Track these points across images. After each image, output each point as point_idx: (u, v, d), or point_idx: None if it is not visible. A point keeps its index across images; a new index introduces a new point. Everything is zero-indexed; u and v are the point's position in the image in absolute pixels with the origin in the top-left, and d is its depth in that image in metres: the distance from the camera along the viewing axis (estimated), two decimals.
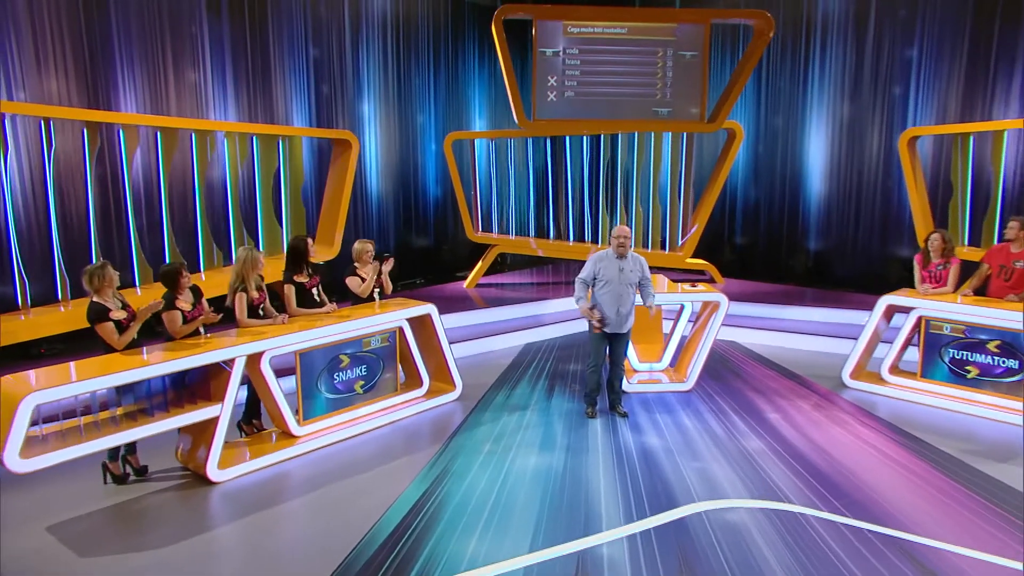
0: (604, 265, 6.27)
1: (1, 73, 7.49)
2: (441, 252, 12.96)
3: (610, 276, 6.21)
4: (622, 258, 6.26)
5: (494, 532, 4.52)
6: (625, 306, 6.25)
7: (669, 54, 9.70)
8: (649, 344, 7.67)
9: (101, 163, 7.74)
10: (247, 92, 9.96)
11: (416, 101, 12.57)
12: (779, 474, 5.34)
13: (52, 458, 4.43)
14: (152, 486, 5.25)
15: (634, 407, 6.79)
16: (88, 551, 4.37)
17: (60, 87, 7.95)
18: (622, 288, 6.21)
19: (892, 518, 4.68)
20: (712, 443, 5.93)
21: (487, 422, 6.44)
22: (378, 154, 12.14)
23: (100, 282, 5.03)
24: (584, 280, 6.33)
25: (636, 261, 6.32)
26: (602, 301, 6.26)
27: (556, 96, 9.61)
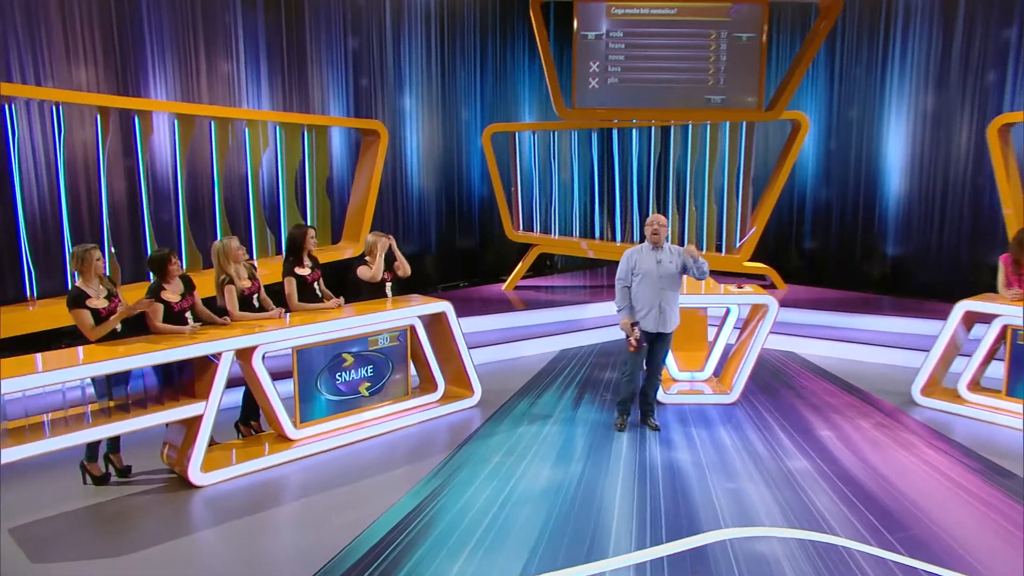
0: (639, 258, 5.82)
1: (31, 63, 7.55)
2: (486, 254, 12.62)
3: (647, 269, 5.76)
4: (658, 249, 5.78)
5: (484, 553, 4.11)
6: (667, 301, 5.77)
7: (723, 36, 9.11)
8: (691, 352, 7.12)
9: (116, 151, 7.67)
10: (282, 84, 9.86)
11: (461, 94, 12.29)
12: (825, 500, 4.75)
13: (12, 453, 4.24)
14: (132, 488, 5.05)
15: (668, 420, 6.26)
16: (43, 556, 4.16)
17: (89, 76, 7.98)
18: (662, 282, 5.73)
19: (958, 559, 4.05)
20: (751, 462, 5.36)
21: (503, 431, 6.03)
22: (420, 150, 11.90)
23: (82, 265, 4.86)
24: (622, 281, 5.87)
25: (674, 252, 5.85)
26: (640, 297, 5.78)
27: (598, 83, 9.16)
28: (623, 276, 5.84)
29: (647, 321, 5.78)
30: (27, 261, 6.84)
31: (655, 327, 5.79)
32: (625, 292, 5.83)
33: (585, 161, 11.29)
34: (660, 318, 5.77)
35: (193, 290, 5.36)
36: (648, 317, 5.77)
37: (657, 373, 6.02)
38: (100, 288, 4.96)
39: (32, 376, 4.28)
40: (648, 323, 5.79)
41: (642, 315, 5.78)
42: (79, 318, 4.79)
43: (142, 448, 5.41)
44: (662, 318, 5.77)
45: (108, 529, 4.51)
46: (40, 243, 7.09)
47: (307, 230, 5.99)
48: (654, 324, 5.78)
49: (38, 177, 7.35)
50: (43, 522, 4.55)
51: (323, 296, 6.10)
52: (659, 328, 5.80)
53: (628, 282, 5.82)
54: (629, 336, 5.77)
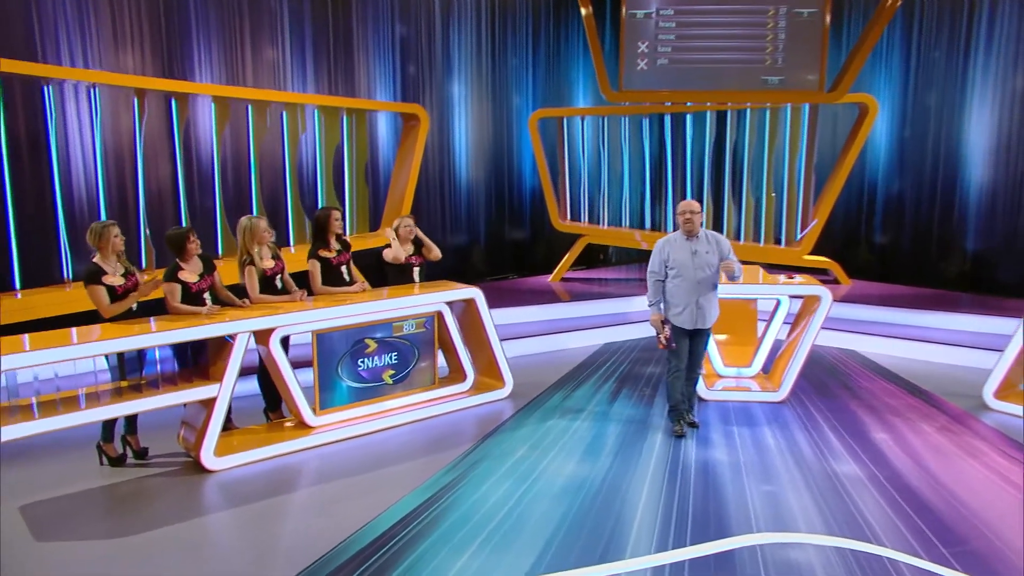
0: (672, 249, 5.43)
1: (80, 48, 7.72)
2: (537, 246, 12.40)
3: (682, 262, 5.37)
4: (692, 238, 5.42)
5: (492, 550, 3.91)
6: (705, 296, 5.40)
7: (782, 13, 8.65)
8: (738, 346, 6.76)
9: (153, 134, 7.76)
10: (327, 71, 9.86)
11: (512, 81, 12.10)
12: (873, 508, 4.38)
13: (21, 429, 4.25)
14: (147, 470, 5.04)
15: (709, 417, 5.94)
16: (48, 534, 4.16)
17: (136, 62, 8.11)
18: (699, 274, 5.36)
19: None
20: (793, 464, 5.01)
21: (531, 424, 5.82)
22: (468, 139, 11.77)
23: (99, 241, 4.87)
24: (655, 274, 5.48)
25: (712, 240, 5.44)
26: (675, 293, 5.39)
27: (647, 64, 8.82)
28: (656, 269, 5.46)
29: (683, 318, 5.40)
30: (64, 243, 6.96)
31: (692, 324, 5.42)
32: (658, 286, 5.47)
33: (636, 148, 10.95)
34: (698, 315, 5.40)
35: (213, 271, 5.32)
36: (684, 314, 5.39)
37: (696, 368, 5.69)
38: (117, 265, 4.96)
39: (43, 351, 4.29)
40: (685, 320, 5.41)
41: (677, 312, 5.40)
42: (94, 295, 4.80)
43: (161, 431, 5.40)
44: (700, 315, 5.40)
45: (116, 510, 4.50)
46: (77, 225, 7.20)
47: (332, 212, 5.90)
48: (691, 321, 5.41)
49: (76, 159, 7.49)
50: (54, 501, 4.56)
51: (352, 280, 6.00)
52: (697, 325, 5.43)
53: (661, 275, 5.45)
54: (659, 334, 5.43)
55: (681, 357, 5.51)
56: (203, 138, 8.26)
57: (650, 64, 8.79)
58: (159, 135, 7.86)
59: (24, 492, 4.65)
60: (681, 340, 5.48)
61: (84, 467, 5.02)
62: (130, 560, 3.89)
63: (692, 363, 5.63)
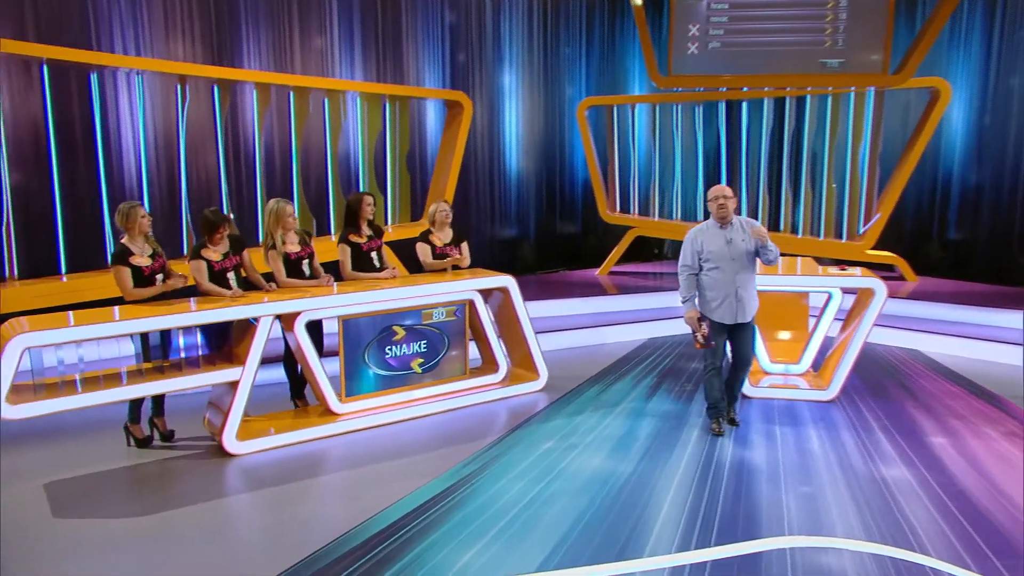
0: (706, 239, 5.15)
1: (132, 36, 7.92)
2: (589, 239, 12.20)
3: (717, 252, 5.10)
4: (726, 226, 5.15)
5: (503, 544, 3.80)
6: (744, 287, 5.13)
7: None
8: (786, 342, 6.47)
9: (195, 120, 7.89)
10: (375, 59, 9.88)
11: (565, 70, 11.94)
12: (921, 515, 4.10)
13: (41, 407, 4.33)
14: (171, 452, 5.10)
15: (751, 415, 5.69)
16: (65, 511, 4.23)
17: (186, 50, 8.29)
18: (735, 264, 5.10)
19: None
20: (837, 466, 4.74)
21: (562, 417, 5.68)
22: (519, 129, 11.66)
23: (126, 222, 4.93)
24: (688, 267, 5.19)
25: (746, 226, 5.15)
26: (711, 285, 5.13)
27: (698, 48, 8.53)
28: (689, 262, 5.17)
29: (722, 312, 5.13)
30: (107, 229, 7.14)
31: (732, 318, 5.14)
32: (691, 280, 5.19)
33: (689, 137, 10.63)
34: (738, 307, 5.12)
35: (241, 251, 5.35)
36: (723, 307, 5.12)
37: (745, 367, 5.39)
38: (145, 247, 5.01)
39: (62, 330, 4.37)
40: (724, 314, 5.14)
41: (715, 306, 5.14)
42: (119, 276, 4.86)
43: (189, 415, 5.47)
44: (740, 307, 5.12)
45: (134, 490, 4.55)
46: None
47: (363, 197, 5.86)
48: (731, 315, 5.14)
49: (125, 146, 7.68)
50: (77, 479, 4.64)
51: (383, 266, 5.96)
52: (738, 319, 5.15)
53: (695, 268, 5.17)
54: (696, 332, 5.13)
55: (719, 354, 5.25)
56: (245, 125, 8.36)
57: (701, 48, 8.51)
58: (202, 122, 7.99)
59: (50, 470, 4.75)
60: (720, 336, 5.23)
61: (111, 448, 5.10)
62: (139, 538, 3.91)
63: (740, 361, 5.35)
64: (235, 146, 8.27)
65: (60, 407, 4.41)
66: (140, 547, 3.83)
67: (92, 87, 7.06)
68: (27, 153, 7.13)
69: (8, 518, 4.12)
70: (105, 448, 5.09)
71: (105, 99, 7.46)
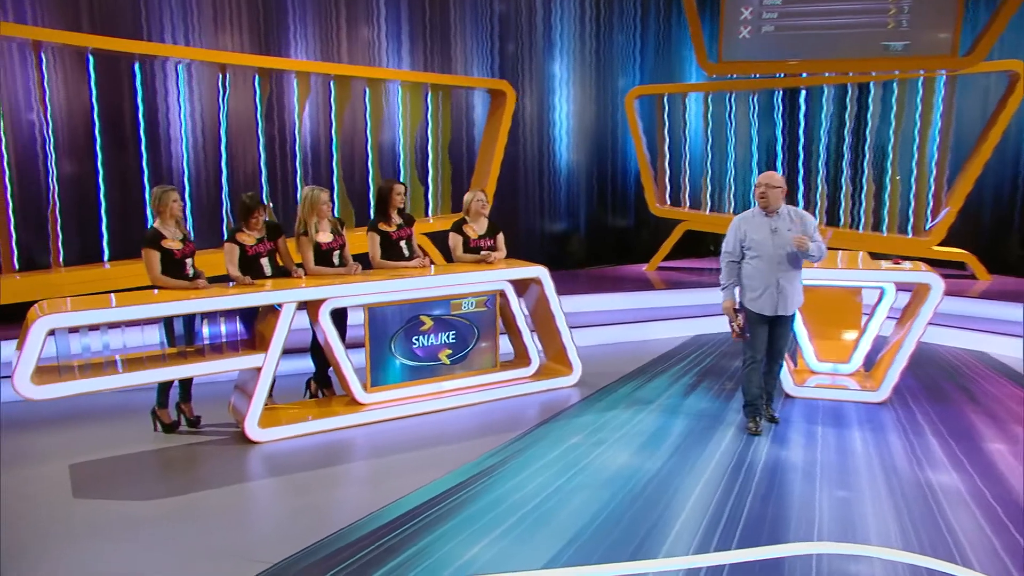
0: (750, 227, 5.01)
1: (182, 27, 8.12)
2: (641, 233, 11.99)
3: (760, 240, 4.94)
4: (772, 215, 4.98)
5: (513, 539, 3.71)
6: (787, 278, 4.95)
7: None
8: (835, 340, 6.19)
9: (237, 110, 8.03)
10: (423, 49, 9.90)
11: (618, 60, 11.76)
12: (968, 525, 3.85)
13: (63, 388, 4.43)
14: (196, 438, 5.17)
15: (793, 416, 5.47)
16: (86, 492, 4.31)
17: (234, 41, 8.46)
18: (779, 255, 4.92)
19: None
20: (880, 470, 4.50)
21: (593, 413, 5.56)
22: (570, 120, 11.53)
23: (159, 206, 5.02)
24: (729, 254, 5.10)
25: (795, 217, 4.99)
26: (753, 275, 4.98)
27: (750, 32, 8.26)
28: (731, 249, 5.08)
29: (763, 303, 4.98)
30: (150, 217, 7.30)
31: (773, 310, 4.98)
32: (732, 268, 5.09)
33: (743, 127, 10.32)
34: (779, 299, 4.95)
35: (277, 238, 5.40)
36: (764, 298, 4.97)
37: (778, 361, 5.24)
38: (176, 231, 5.10)
39: (85, 312, 4.47)
40: (764, 305, 4.98)
41: (755, 296, 4.99)
42: (148, 259, 4.94)
43: (218, 401, 5.53)
44: (781, 299, 4.95)
45: (155, 473, 4.62)
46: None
47: (394, 185, 5.84)
48: (771, 306, 4.97)
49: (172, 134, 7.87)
50: (102, 461, 4.75)
51: (412, 255, 5.93)
52: (778, 311, 4.98)
53: (737, 256, 5.06)
54: (732, 322, 5.04)
55: (758, 347, 5.08)
56: (286, 114, 8.45)
57: (753, 32, 8.24)
58: (244, 111, 8.12)
59: (77, 452, 4.87)
60: (759, 328, 5.06)
61: (138, 432, 5.20)
62: (152, 520, 3.96)
63: (773, 354, 5.19)
64: (276, 135, 8.38)
65: (82, 389, 4.50)
66: (152, 529, 3.87)
67: (136, 76, 7.23)
68: (73, 142, 7.36)
69: (30, 496, 4.24)
70: (132, 432, 5.19)
71: (149, 89, 7.65)
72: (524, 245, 11.26)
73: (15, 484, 4.39)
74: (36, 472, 4.58)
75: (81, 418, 5.45)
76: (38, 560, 3.57)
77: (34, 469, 4.63)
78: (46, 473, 4.55)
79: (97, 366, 4.63)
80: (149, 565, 3.53)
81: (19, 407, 5.39)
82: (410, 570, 3.40)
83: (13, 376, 4.27)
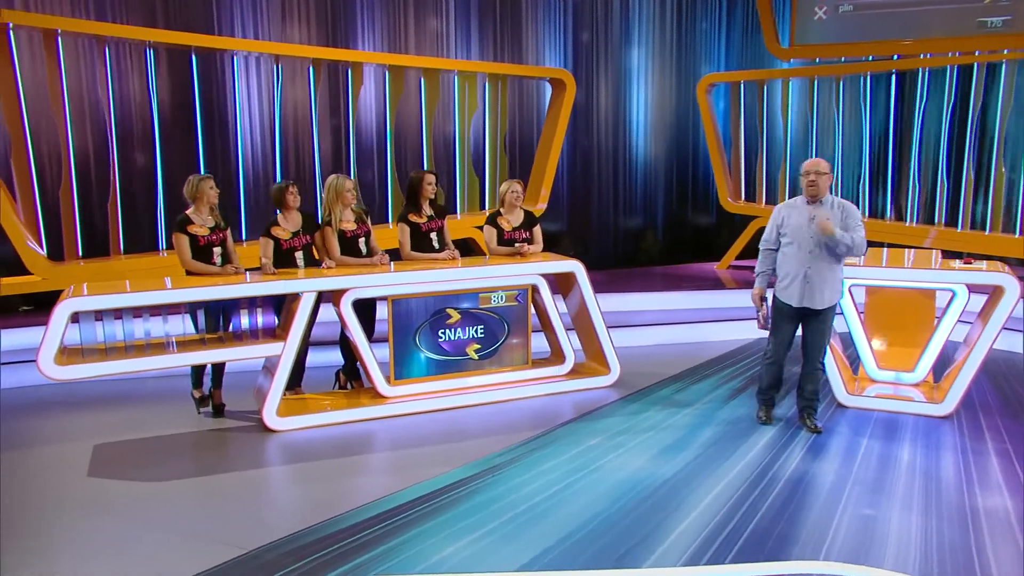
0: (788, 213, 4.93)
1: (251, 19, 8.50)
2: (723, 230, 11.61)
3: (796, 227, 4.84)
4: (815, 203, 4.82)
5: (495, 540, 3.67)
6: (817, 269, 4.80)
7: None
8: (900, 346, 5.81)
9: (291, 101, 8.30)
10: (493, 40, 9.94)
11: (700, 48, 11.45)
12: (1005, 554, 3.55)
13: (85, 370, 4.70)
14: (220, 424, 5.38)
15: (841, 425, 5.18)
16: (99, 472, 4.56)
17: (302, 33, 8.78)
18: (812, 243, 4.78)
19: None
20: (922, 489, 4.20)
21: (622, 414, 5.45)
22: (648, 112, 11.33)
23: (194, 192, 5.26)
24: (767, 242, 5.05)
25: (837, 207, 4.86)
26: (784, 263, 4.91)
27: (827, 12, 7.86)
28: (769, 237, 5.01)
29: (790, 292, 4.87)
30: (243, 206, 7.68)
31: (799, 300, 4.84)
32: (769, 256, 5.03)
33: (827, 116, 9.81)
34: (805, 289, 4.80)
35: (313, 232, 5.57)
36: (791, 288, 4.86)
37: (814, 361, 5.02)
38: (208, 218, 5.32)
39: (109, 296, 4.73)
40: (791, 295, 4.87)
41: (784, 285, 4.90)
42: (177, 243, 5.20)
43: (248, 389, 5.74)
44: (808, 289, 4.80)
45: (167, 457, 4.81)
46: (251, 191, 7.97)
47: (425, 176, 5.89)
48: (797, 297, 4.84)
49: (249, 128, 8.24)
50: (123, 443, 5.02)
51: (443, 248, 5.97)
52: (804, 303, 4.83)
53: (773, 244, 4.99)
54: (758, 311, 5.01)
55: (780, 345, 5.01)
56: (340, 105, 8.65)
57: (830, 12, 7.85)
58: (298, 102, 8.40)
59: (104, 432, 5.16)
60: (785, 322, 4.98)
61: (172, 416, 5.45)
62: (147, 500, 4.15)
63: (806, 354, 5.04)
64: (331, 126, 8.62)
65: (104, 371, 4.77)
66: (142, 509, 4.04)
67: (194, 68, 7.59)
68: (134, 134, 7.80)
69: (44, 473, 4.54)
70: (166, 416, 5.45)
71: (210, 80, 8.02)
72: (596, 241, 11.17)
73: (33, 462, 4.70)
74: (58, 451, 4.89)
75: (119, 401, 5.78)
76: (28, 530, 3.80)
77: (57, 447, 4.94)
78: (67, 452, 4.84)
79: (119, 349, 4.88)
80: (124, 543, 3.69)
81: (58, 389, 5.75)
82: (372, 568, 3.41)
83: (37, 357, 4.56)
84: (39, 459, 4.76)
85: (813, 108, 9.71)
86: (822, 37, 8.06)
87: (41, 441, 5.06)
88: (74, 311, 4.63)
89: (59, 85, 6.86)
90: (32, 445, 4.98)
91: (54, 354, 4.58)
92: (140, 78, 7.74)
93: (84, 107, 7.53)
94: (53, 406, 5.71)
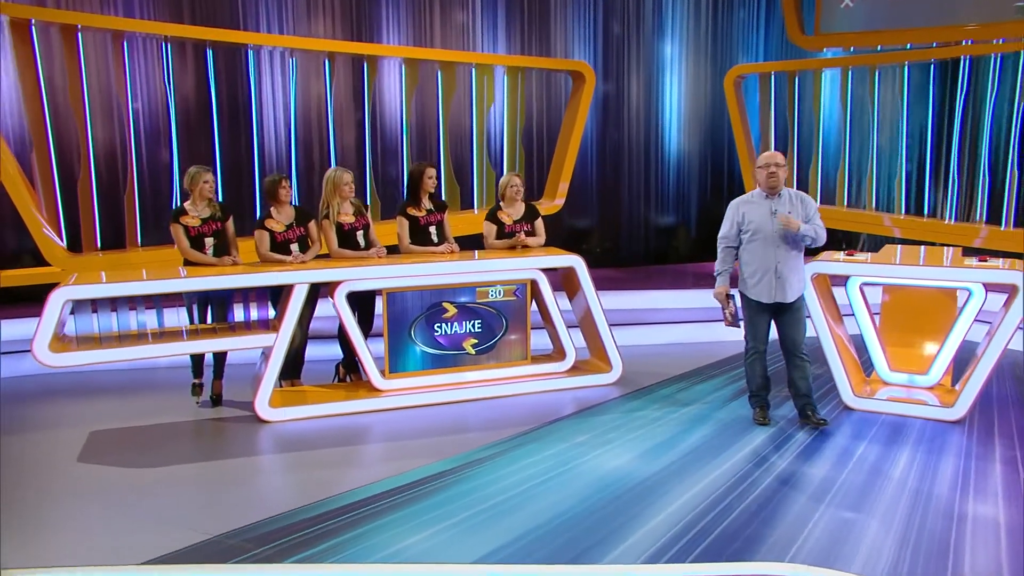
0: (748, 209, 5.02)
1: (276, 15, 8.73)
2: None
3: (759, 222, 4.93)
4: (773, 196, 4.91)
5: (457, 533, 3.73)
6: (786, 263, 4.89)
7: None
8: (914, 348, 5.68)
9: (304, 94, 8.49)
10: (520, 33, 10.00)
11: (736, 39, 11.32)
12: (984, 561, 3.47)
13: (78, 357, 4.91)
14: (215, 414, 5.57)
15: (842, 428, 5.11)
16: (90, 458, 4.75)
17: (327, 27, 8.97)
18: (778, 238, 4.87)
19: None
20: (910, 494, 4.12)
21: (617, 412, 5.48)
22: (682, 107, 11.25)
23: (190, 184, 5.46)
24: (726, 239, 5.11)
25: (795, 199, 4.97)
26: (750, 260, 4.99)
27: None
28: (727, 233, 5.08)
29: (760, 290, 4.96)
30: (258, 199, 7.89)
31: (770, 297, 4.94)
32: (728, 254, 5.10)
33: (861, 109, 9.58)
34: (777, 285, 4.90)
35: (306, 223, 5.71)
36: (761, 285, 4.95)
37: (798, 353, 5.06)
38: (204, 209, 5.51)
39: (99, 286, 4.93)
40: (761, 292, 4.96)
41: (753, 283, 4.99)
42: (174, 233, 5.43)
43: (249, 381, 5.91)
44: (780, 285, 4.90)
45: (157, 444, 5.00)
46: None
47: (425, 169, 5.97)
48: (768, 293, 4.94)
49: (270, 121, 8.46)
50: (117, 431, 5.23)
51: (442, 242, 6.04)
52: (776, 298, 4.93)
53: (733, 241, 5.05)
54: (724, 309, 5.08)
55: (759, 337, 5.10)
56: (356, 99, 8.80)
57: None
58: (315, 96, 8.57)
59: (102, 420, 5.39)
60: (759, 318, 5.07)
61: (174, 405, 5.65)
62: (126, 486, 4.31)
63: (787, 347, 5.13)
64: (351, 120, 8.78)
65: (96, 359, 4.99)
66: (120, 494, 4.20)
67: (209, 64, 7.81)
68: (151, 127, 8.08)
69: (36, 457, 4.77)
70: (168, 405, 5.66)
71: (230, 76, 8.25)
72: (627, 237, 11.13)
73: (27, 447, 4.93)
74: (52, 436, 5.12)
75: (120, 391, 6.02)
76: (13, 512, 4.00)
77: (52, 433, 5.18)
78: (62, 438, 5.07)
79: (113, 338, 5.09)
80: (95, 527, 3.84)
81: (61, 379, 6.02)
82: (330, 556, 3.50)
83: (32, 344, 4.78)
84: (30, 444, 4.98)
85: (847, 100, 9.51)
86: (849, 25, 7.89)
87: (38, 427, 5.30)
88: (68, 299, 4.84)
89: (79, 80, 7.14)
90: (29, 430, 5.21)
91: (48, 341, 4.79)
92: (158, 73, 8.00)
93: (104, 101, 7.82)
94: (54, 394, 5.97)
